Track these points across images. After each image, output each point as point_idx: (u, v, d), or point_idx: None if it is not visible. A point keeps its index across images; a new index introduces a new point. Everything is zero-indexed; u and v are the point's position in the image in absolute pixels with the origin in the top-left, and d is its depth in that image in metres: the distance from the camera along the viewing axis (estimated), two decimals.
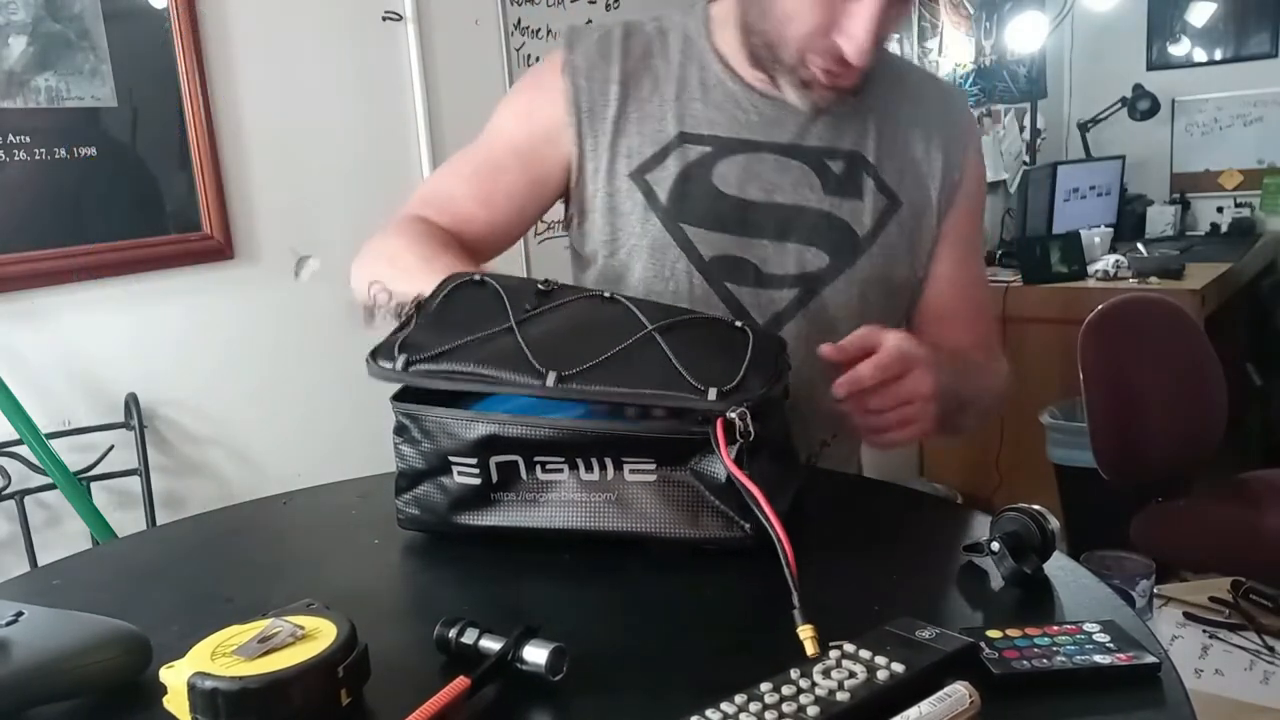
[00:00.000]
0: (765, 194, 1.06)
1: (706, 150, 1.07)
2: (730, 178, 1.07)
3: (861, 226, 1.08)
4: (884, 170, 1.09)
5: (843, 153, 1.08)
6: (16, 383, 1.69)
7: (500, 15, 2.48)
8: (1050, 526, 0.71)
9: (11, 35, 1.70)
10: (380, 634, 0.62)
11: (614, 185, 1.09)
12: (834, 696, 0.53)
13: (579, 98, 1.10)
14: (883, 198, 1.09)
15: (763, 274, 1.07)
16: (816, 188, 1.07)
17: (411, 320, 0.80)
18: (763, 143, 1.07)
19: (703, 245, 1.06)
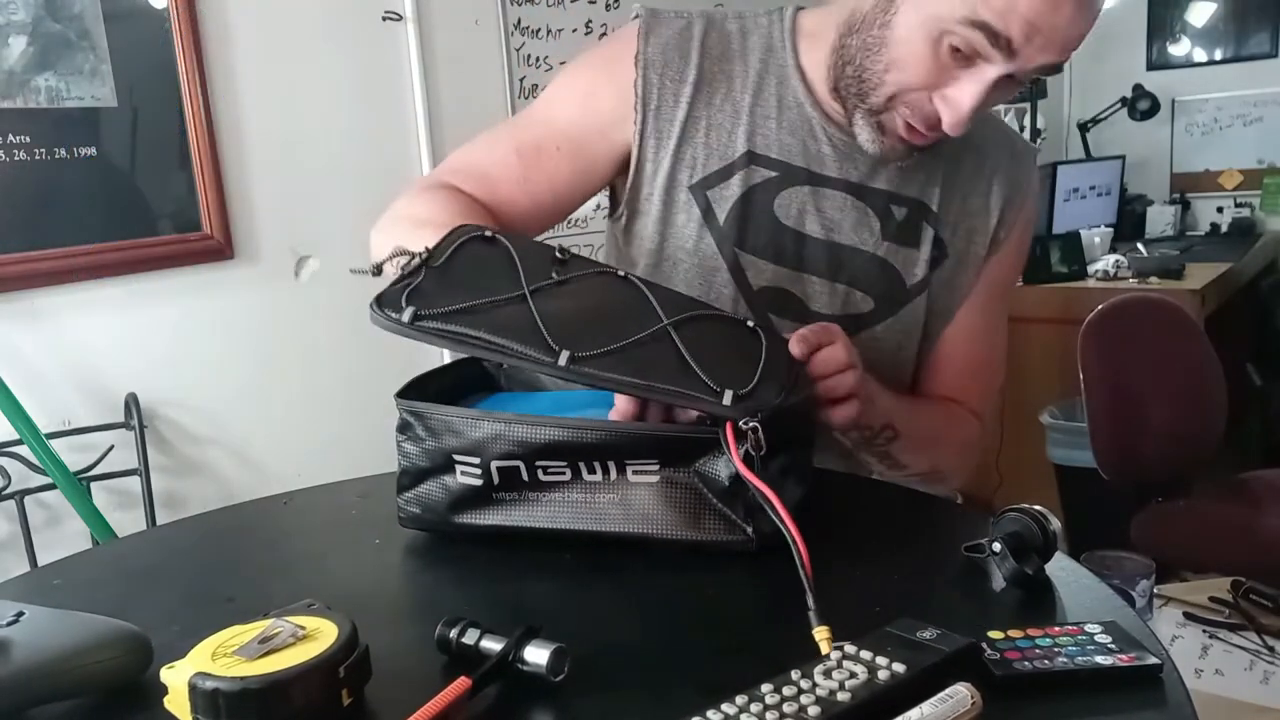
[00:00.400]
0: (824, 231, 1.04)
1: (773, 175, 1.03)
2: (792, 209, 1.03)
3: (911, 276, 1.06)
4: (941, 221, 1.07)
5: (908, 200, 1.05)
6: (16, 383, 1.70)
7: (500, 15, 2.48)
8: (1052, 527, 0.70)
9: (11, 35, 1.70)
10: (381, 634, 0.61)
11: (673, 194, 1.04)
12: (835, 697, 0.53)
13: (648, 93, 1.03)
14: (935, 249, 1.07)
15: (809, 310, 1.04)
16: (876, 231, 1.05)
17: (420, 270, 0.76)
18: (831, 178, 1.03)
19: (753, 273, 1.03)
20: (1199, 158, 4.32)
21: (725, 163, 1.03)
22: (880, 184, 1.04)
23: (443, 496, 0.80)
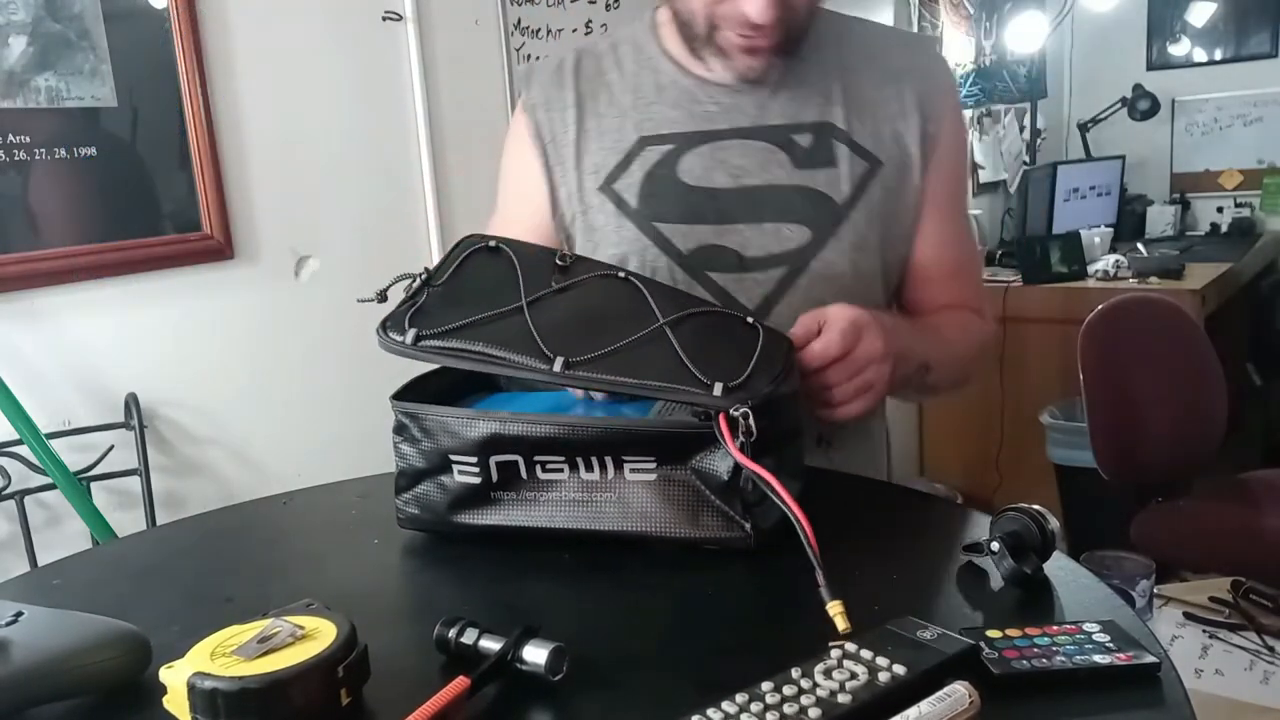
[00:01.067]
0: (733, 179, 1.06)
1: (669, 148, 1.08)
2: (696, 170, 1.07)
3: (840, 194, 1.06)
4: (857, 133, 1.07)
5: (808, 125, 1.07)
6: (16, 383, 1.69)
7: (500, 15, 2.48)
8: (1050, 526, 0.70)
9: (11, 35, 1.70)
10: (380, 634, 0.61)
11: (586, 203, 1.11)
12: (835, 698, 0.53)
13: (540, 130, 1.13)
14: (861, 161, 1.07)
15: (745, 259, 1.06)
16: (785, 164, 1.06)
17: (423, 290, 0.79)
18: (724, 130, 1.07)
19: (679, 240, 1.06)
20: (1199, 158, 4.33)
21: (622, 155, 1.09)
22: (775, 119, 1.07)
23: (440, 496, 0.80)
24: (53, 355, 1.80)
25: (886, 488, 0.93)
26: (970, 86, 3.87)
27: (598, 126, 1.11)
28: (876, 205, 1.07)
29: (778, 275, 1.05)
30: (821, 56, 1.09)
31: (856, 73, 1.09)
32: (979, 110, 3.98)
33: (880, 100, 1.08)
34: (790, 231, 1.05)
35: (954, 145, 1.13)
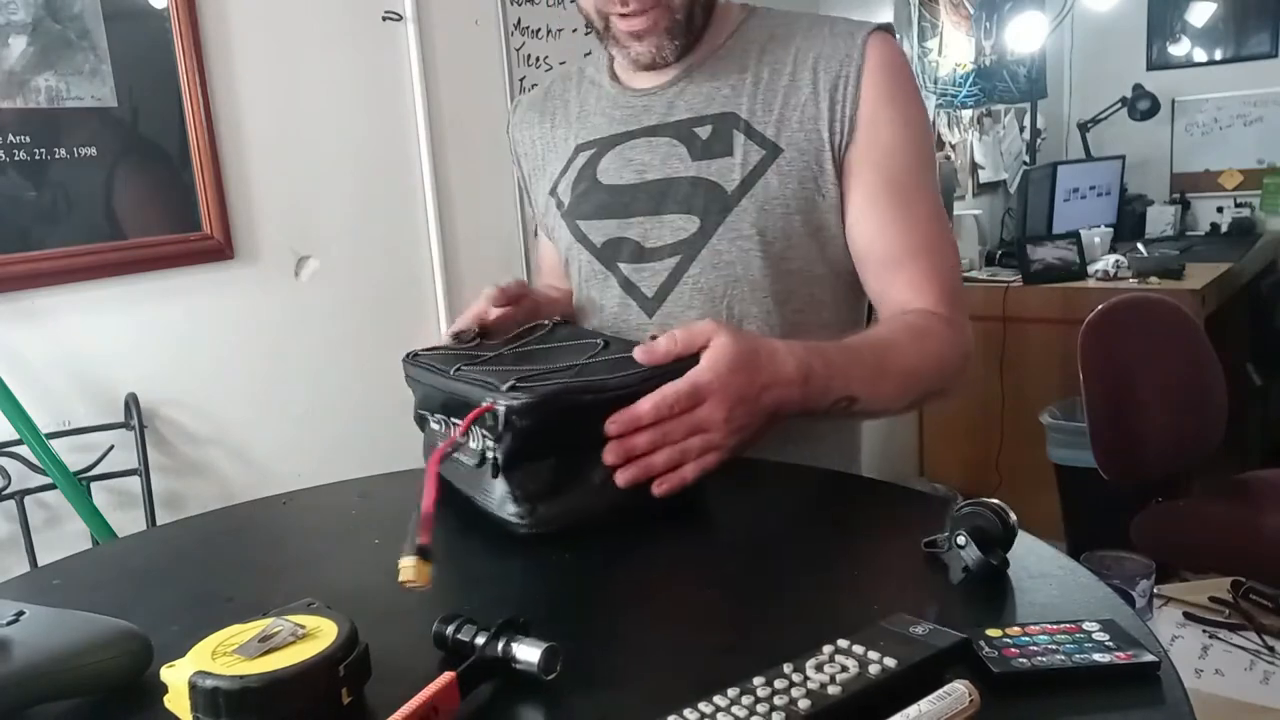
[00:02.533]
0: (639, 175, 1.12)
1: (592, 152, 1.17)
2: (611, 169, 1.14)
3: (730, 182, 1.08)
4: (758, 122, 1.08)
5: (711, 116, 1.10)
6: (16, 383, 1.70)
7: (500, 15, 2.48)
8: (1011, 519, 0.71)
9: (11, 35, 1.70)
10: (381, 633, 0.62)
11: (546, 207, 1.24)
12: (825, 690, 0.53)
13: (517, 150, 1.30)
14: (758, 149, 1.07)
15: (644, 249, 1.11)
16: (684, 156, 1.10)
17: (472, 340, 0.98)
18: (634, 130, 1.14)
19: (594, 234, 1.15)
20: (1199, 158, 4.33)
21: (564, 163, 1.21)
22: (679, 114, 1.12)
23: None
24: (53, 355, 1.80)
25: (884, 487, 0.93)
26: (970, 86, 3.87)
27: (552, 139, 1.24)
28: (772, 192, 1.06)
29: (671, 264, 1.10)
30: (741, 51, 1.12)
31: (773, 64, 1.10)
32: (979, 110, 3.98)
33: (791, 88, 1.08)
34: (682, 222, 1.09)
35: (887, 127, 1.07)
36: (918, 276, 1.07)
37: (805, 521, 0.87)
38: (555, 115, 1.25)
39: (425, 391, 0.91)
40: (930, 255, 1.08)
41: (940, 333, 1.04)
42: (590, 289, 1.17)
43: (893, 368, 0.99)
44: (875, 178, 1.07)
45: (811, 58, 1.08)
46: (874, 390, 0.97)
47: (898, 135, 1.08)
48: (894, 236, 1.08)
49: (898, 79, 1.08)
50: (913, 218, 1.08)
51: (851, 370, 0.94)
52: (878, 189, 1.07)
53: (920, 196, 1.09)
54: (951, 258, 1.12)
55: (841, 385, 0.92)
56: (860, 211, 1.08)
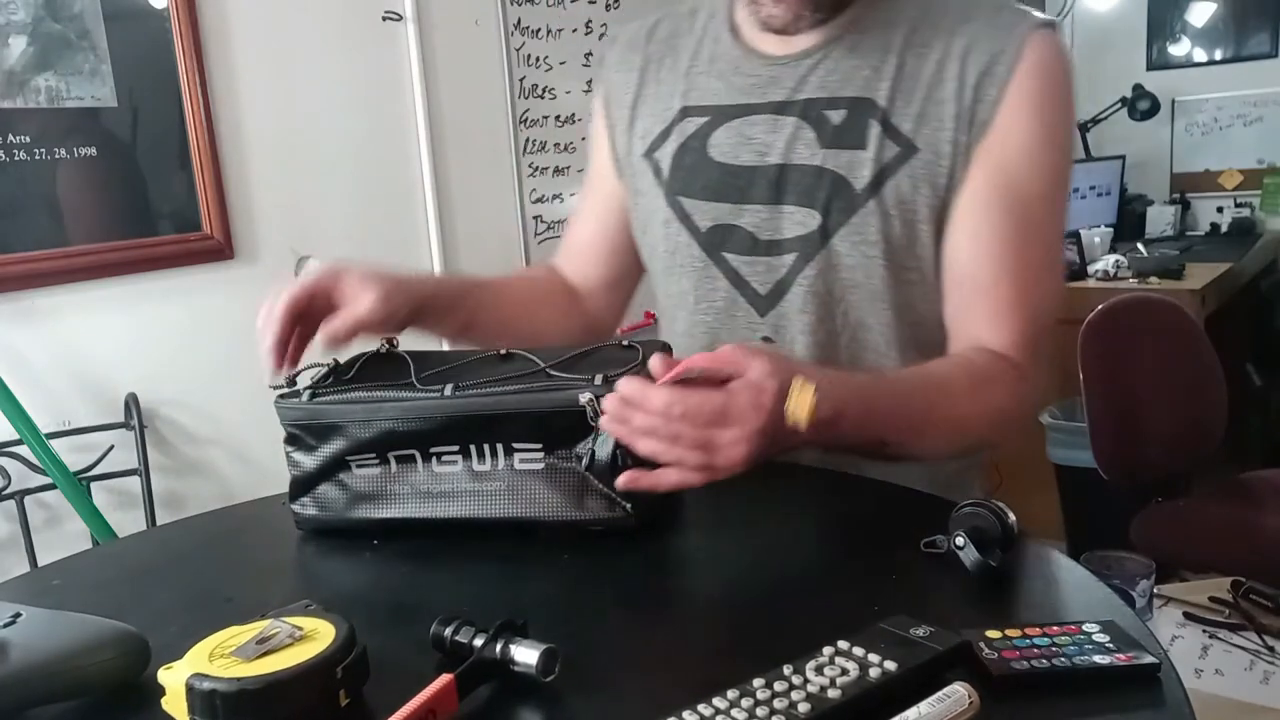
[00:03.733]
0: (758, 156, 1.00)
1: (704, 120, 1.04)
2: (724, 145, 1.02)
3: (859, 179, 0.96)
4: (896, 114, 0.96)
5: (846, 100, 0.98)
6: (16, 383, 1.70)
7: (500, 15, 2.48)
8: (1010, 519, 0.71)
9: (11, 35, 1.70)
10: (379, 635, 0.62)
11: (634, 169, 1.10)
12: (825, 693, 0.53)
13: (608, 94, 1.14)
14: (891, 145, 0.96)
15: (759, 241, 1.00)
16: (811, 142, 0.98)
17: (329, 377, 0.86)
18: (758, 104, 1.01)
19: (699, 216, 1.04)
20: (1199, 158, 4.32)
21: (665, 124, 1.07)
22: (811, 93, 0.99)
23: (339, 494, 0.84)
24: (53, 355, 1.80)
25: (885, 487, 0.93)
26: None
27: (655, 91, 1.09)
28: (903, 196, 0.95)
29: (788, 261, 0.99)
30: (888, 25, 0.98)
31: (922, 48, 0.97)
32: None
33: (936, 80, 0.96)
34: (803, 216, 0.98)
35: (1022, 134, 0.94)
36: (1002, 308, 0.95)
37: (805, 521, 0.87)
38: (662, 63, 1.10)
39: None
40: (1023, 288, 0.96)
41: (1006, 383, 0.93)
42: (684, 277, 1.06)
43: (941, 417, 0.90)
44: (989, 184, 0.95)
45: (962, 46, 0.95)
46: (912, 438, 0.89)
47: (1031, 146, 0.95)
48: (989, 255, 0.95)
49: (1051, 86, 0.95)
50: (1018, 239, 0.95)
51: (892, 417, 0.86)
52: (988, 197, 0.95)
53: (1035, 219, 0.96)
54: (1048, 298, 0.98)
55: (876, 430, 0.85)
56: (961, 217, 0.96)
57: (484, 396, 0.79)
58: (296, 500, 0.86)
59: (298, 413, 0.83)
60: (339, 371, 0.86)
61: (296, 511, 0.86)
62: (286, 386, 0.86)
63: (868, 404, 0.83)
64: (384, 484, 0.83)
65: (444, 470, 0.82)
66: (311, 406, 0.83)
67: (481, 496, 0.81)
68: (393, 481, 0.83)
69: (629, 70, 1.12)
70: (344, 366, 0.87)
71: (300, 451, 0.85)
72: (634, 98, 1.11)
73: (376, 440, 0.82)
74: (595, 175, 1.18)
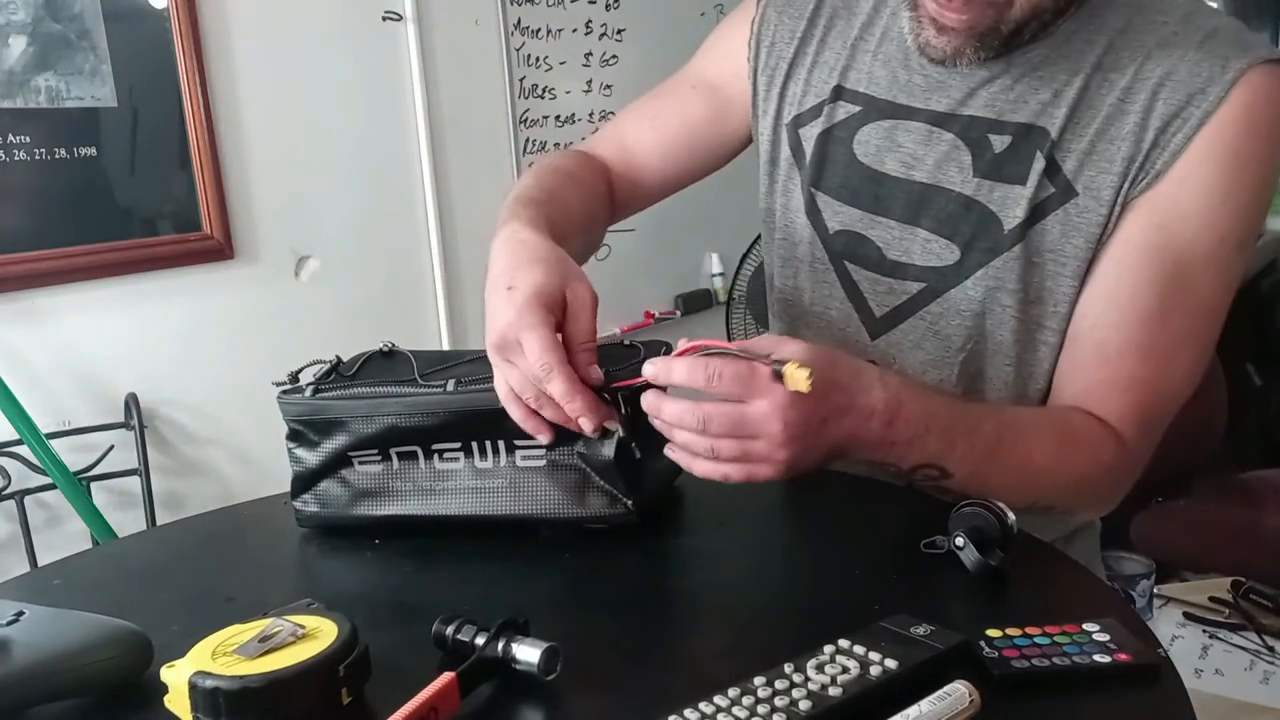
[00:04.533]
0: (903, 168, 0.91)
1: (855, 110, 0.94)
2: (871, 145, 0.93)
3: (1011, 219, 0.85)
4: (1064, 149, 0.84)
5: (1014, 125, 0.86)
6: (16, 383, 1.70)
7: (500, 15, 2.48)
8: (1010, 519, 0.71)
9: (11, 35, 1.70)
10: (381, 633, 0.62)
11: (777, 133, 1.01)
12: (826, 691, 0.53)
13: (764, 30, 1.02)
14: (1048, 185, 0.85)
15: (886, 259, 0.91)
16: (965, 166, 0.88)
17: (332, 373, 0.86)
18: (916, 109, 0.91)
19: (828, 215, 0.95)
20: None
21: (819, 100, 0.97)
22: (977, 110, 0.88)
23: (342, 490, 0.84)
24: (53, 355, 1.80)
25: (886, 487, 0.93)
26: None
27: (816, 55, 0.98)
28: (1051, 243, 0.85)
29: (912, 291, 0.91)
30: (1085, 45, 0.85)
31: (1112, 71, 0.84)
32: None
33: (1116, 112, 0.83)
34: (939, 246, 0.89)
35: (1199, 189, 0.81)
36: (1120, 381, 0.84)
37: (806, 520, 0.87)
38: (835, 21, 0.98)
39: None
40: (1149, 360, 0.84)
41: (1097, 449, 0.83)
42: (800, 273, 0.98)
43: (1010, 458, 0.80)
44: (1145, 240, 0.82)
45: (1157, 76, 0.82)
46: (975, 472, 0.78)
47: (1207, 205, 0.81)
48: (1120, 320, 0.84)
49: (1256, 139, 0.81)
50: (1162, 310, 0.83)
51: (955, 438, 0.77)
52: (1140, 256, 0.83)
53: (1187, 285, 0.83)
54: (1177, 375, 0.85)
55: (935, 449, 0.76)
56: (1103, 271, 0.84)
57: (486, 392, 0.78)
58: (298, 497, 0.86)
59: (300, 408, 0.83)
60: (340, 368, 0.86)
61: (298, 508, 0.86)
62: (290, 383, 0.86)
63: (929, 412, 0.76)
64: (386, 481, 0.83)
65: (446, 467, 0.82)
66: (314, 402, 0.82)
67: (483, 493, 0.81)
68: (394, 478, 0.83)
69: (798, 19, 1.00)
70: (346, 364, 0.87)
71: (302, 447, 0.85)
72: (794, 52, 0.99)
73: (379, 436, 0.82)
74: (694, 84, 1.07)
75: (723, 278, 3.01)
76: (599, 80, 2.74)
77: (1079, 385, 0.86)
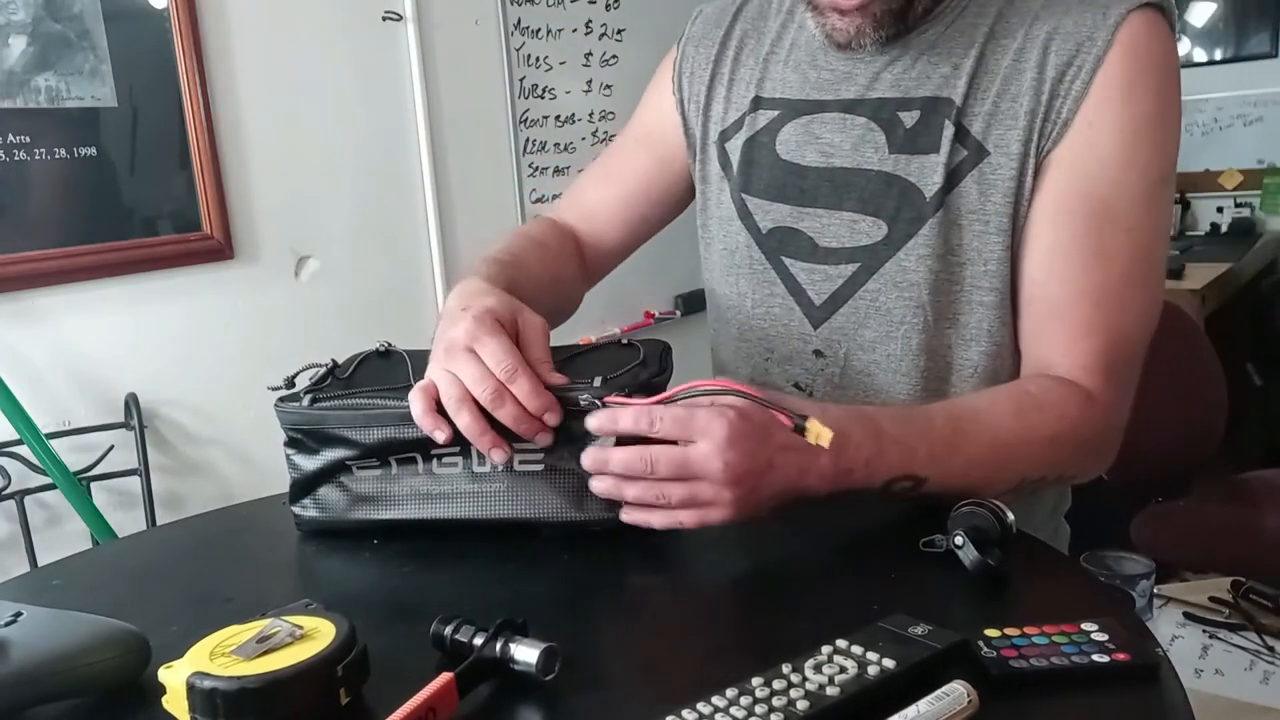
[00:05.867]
0: (823, 158, 0.95)
1: (774, 115, 0.99)
2: (792, 142, 0.97)
3: (930, 186, 0.89)
4: (970, 114, 0.89)
5: (920, 100, 0.91)
6: (16, 383, 1.70)
7: (500, 15, 2.48)
8: (1009, 519, 0.71)
9: (11, 35, 1.70)
10: (379, 634, 0.62)
11: (706, 153, 1.06)
12: (824, 691, 0.53)
13: (684, 65, 1.09)
14: (961, 148, 0.89)
15: (819, 247, 0.95)
16: (880, 145, 0.92)
17: (328, 377, 0.86)
18: (828, 101, 0.96)
19: (760, 217, 0.99)
20: (1199, 158, 4.32)
21: (740, 113, 1.03)
22: (883, 92, 0.93)
23: (341, 497, 0.84)
24: (53, 355, 1.80)
25: None
26: None
27: (732, 75, 1.05)
28: (970, 206, 0.89)
29: (849, 272, 0.93)
30: (975, 18, 0.91)
31: (1004, 37, 0.89)
32: None
33: (1012, 72, 0.88)
34: (867, 225, 0.92)
35: (1109, 133, 0.85)
36: (1077, 330, 0.86)
37: (804, 521, 0.87)
38: (745, 43, 1.05)
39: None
40: (1102, 307, 0.86)
41: (1061, 407, 0.84)
42: (740, 279, 1.01)
43: (975, 444, 0.80)
44: (1068, 190, 0.86)
45: (1044, 33, 0.87)
46: (946, 470, 0.79)
47: (1119, 145, 0.85)
48: (1066, 271, 0.87)
49: (1146, 75, 0.85)
50: (1100, 252, 0.86)
51: (912, 445, 0.77)
52: (1068, 205, 0.86)
53: (1122, 227, 0.86)
54: (1134, 316, 0.88)
55: (896, 462, 0.77)
56: (1037, 229, 0.88)
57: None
58: (296, 502, 0.86)
59: (297, 417, 0.83)
60: (336, 372, 0.86)
61: (297, 513, 0.86)
62: (285, 388, 0.85)
63: (875, 429, 0.76)
64: (384, 485, 0.83)
65: (444, 471, 0.82)
66: (311, 412, 0.82)
67: (482, 498, 0.81)
68: (393, 483, 0.83)
69: (711, 47, 1.07)
70: (342, 366, 0.87)
71: (300, 454, 0.85)
72: (711, 76, 1.06)
73: (378, 446, 0.82)
74: (637, 137, 1.14)
75: None
76: (599, 80, 2.74)
77: (1041, 346, 0.89)
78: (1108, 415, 0.88)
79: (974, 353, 0.92)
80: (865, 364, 0.95)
